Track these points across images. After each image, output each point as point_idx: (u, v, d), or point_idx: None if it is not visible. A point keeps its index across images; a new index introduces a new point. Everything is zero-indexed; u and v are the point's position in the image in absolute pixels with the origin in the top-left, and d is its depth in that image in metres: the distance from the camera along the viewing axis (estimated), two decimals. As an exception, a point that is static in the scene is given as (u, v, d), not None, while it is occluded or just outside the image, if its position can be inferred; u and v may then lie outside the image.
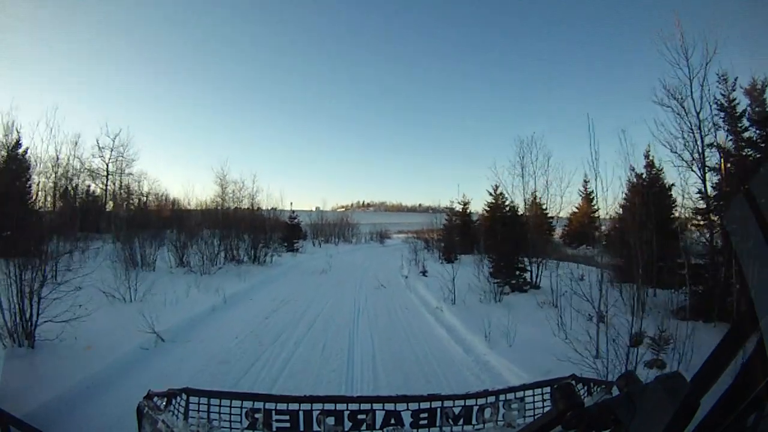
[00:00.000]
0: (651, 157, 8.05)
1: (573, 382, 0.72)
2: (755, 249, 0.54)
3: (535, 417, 0.68)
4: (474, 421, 0.72)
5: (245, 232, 11.21)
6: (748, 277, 0.53)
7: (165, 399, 0.70)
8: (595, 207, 19.38)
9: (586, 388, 0.75)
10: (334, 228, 26.14)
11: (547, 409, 0.69)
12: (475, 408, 0.72)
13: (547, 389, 0.73)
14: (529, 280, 7.33)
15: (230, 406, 0.69)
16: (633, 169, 8.52)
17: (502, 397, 0.73)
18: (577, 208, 20.18)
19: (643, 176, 7.96)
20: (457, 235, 15.41)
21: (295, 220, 19.27)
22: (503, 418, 0.72)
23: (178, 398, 0.70)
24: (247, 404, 0.69)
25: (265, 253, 11.58)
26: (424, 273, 9.58)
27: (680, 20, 5.70)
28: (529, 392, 0.74)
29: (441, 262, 12.52)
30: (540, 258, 7.63)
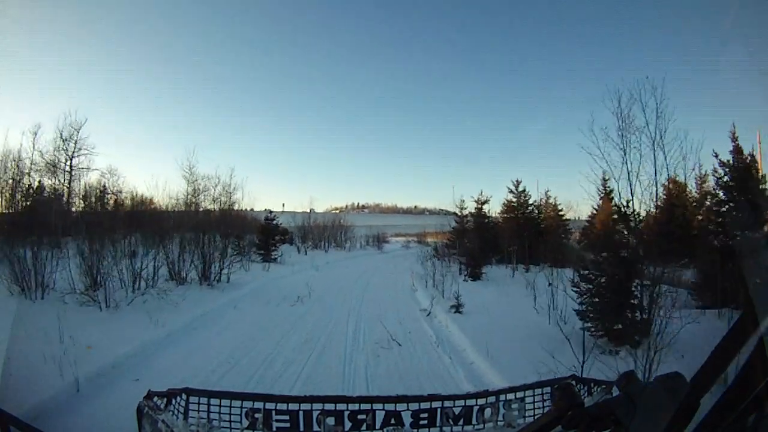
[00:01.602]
0: (737, 140, 9.04)
1: (573, 383, 1.12)
2: (756, 250, 0.92)
3: (535, 417, 1.09)
4: (474, 422, 1.16)
5: (200, 237, 12.08)
6: (748, 278, 0.89)
7: (165, 399, 1.16)
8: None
9: (586, 388, 1.17)
10: (323, 231, 30.58)
11: (547, 409, 1.09)
12: (475, 408, 1.16)
13: (548, 389, 1.14)
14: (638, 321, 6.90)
15: (230, 406, 1.16)
16: (716, 156, 9.83)
17: (502, 397, 1.17)
18: (595, 208, 23.31)
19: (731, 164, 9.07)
20: (469, 240, 18.14)
21: (273, 222, 21.21)
22: (503, 418, 1.16)
23: (178, 398, 1.17)
24: (247, 404, 1.16)
25: (219, 269, 12.25)
26: (457, 308, 9.25)
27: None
28: (529, 392, 1.17)
29: (464, 279, 14.24)
30: (657, 284, 7.28)
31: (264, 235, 20.35)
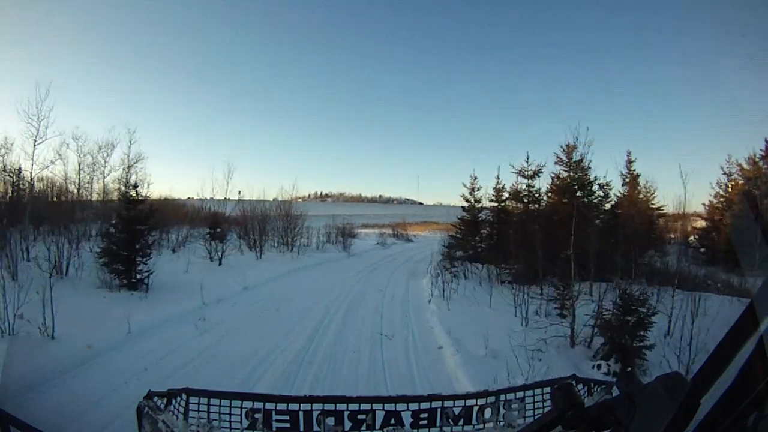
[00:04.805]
0: None
1: (573, 382, 1.13)
2: (756, 249, 0.92)
3: (535, 417, 1.09)
4: (474, 422, 1.18)
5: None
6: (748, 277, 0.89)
7: (165, 399, 1.17)
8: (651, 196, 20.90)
9: (586, 388, 1.17)
10: (263, 223, 21.69)
11: (547, 409, 1.10)
12: (475, 408, 1.18)
13: (547, 389, 1.15)
14: None
15: (230, 406, 1.18)
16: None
17: (502, 397, 1.18)
18: (618, 195, 20.68)
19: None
20: (483, 240, 14.61)
21: (140, 208, 12.10)
22: (503, 418, 1.17)
23: (178, 398, 1.18)
24: (247, 404, 1.17)
25: None
26: None
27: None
28: (529, 392, 1.18)
29: (595, 361, 7.26)
30: None
31: (126, 234, 11.15)
